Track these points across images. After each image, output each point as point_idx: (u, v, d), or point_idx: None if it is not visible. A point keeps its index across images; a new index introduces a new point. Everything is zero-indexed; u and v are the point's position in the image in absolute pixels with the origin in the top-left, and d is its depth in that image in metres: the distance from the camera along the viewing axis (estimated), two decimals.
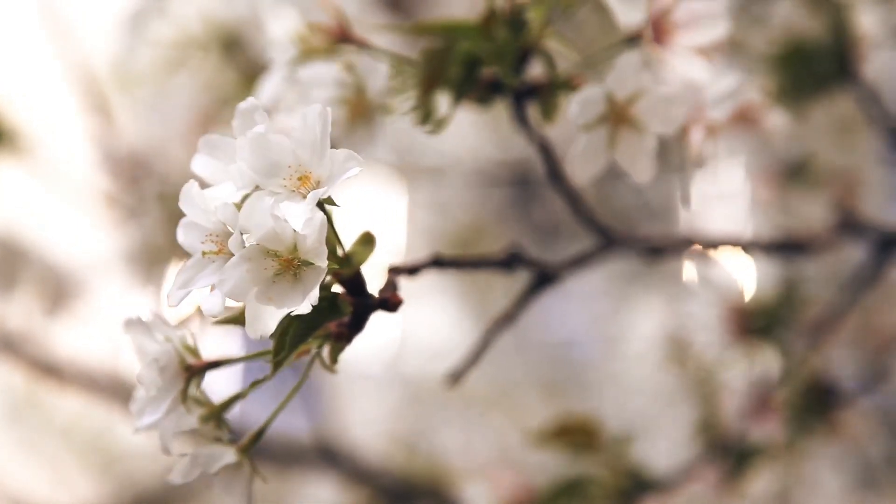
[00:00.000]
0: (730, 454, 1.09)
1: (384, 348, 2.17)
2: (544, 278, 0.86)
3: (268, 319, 0.59)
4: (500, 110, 0.83)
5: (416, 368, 2.07)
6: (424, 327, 2.17)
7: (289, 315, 0.59)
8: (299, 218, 0.58)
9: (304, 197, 0.60)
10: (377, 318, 0.68)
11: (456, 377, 0.84)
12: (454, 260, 0.81)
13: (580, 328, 2.12)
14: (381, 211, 2.11)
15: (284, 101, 0.77)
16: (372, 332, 0.68)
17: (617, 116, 0.74)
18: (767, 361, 1.16)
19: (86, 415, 1.96)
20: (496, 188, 2.09)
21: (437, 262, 0.77)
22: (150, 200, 1.51)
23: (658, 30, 0.75)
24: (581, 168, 0.75)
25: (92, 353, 1.73)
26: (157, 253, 1.49)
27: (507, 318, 0.85)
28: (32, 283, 1.71)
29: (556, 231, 1.97)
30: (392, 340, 2.19)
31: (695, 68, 0.75)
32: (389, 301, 0.67)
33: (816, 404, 1.16)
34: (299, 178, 0.60)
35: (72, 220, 1.79)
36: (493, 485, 1.06)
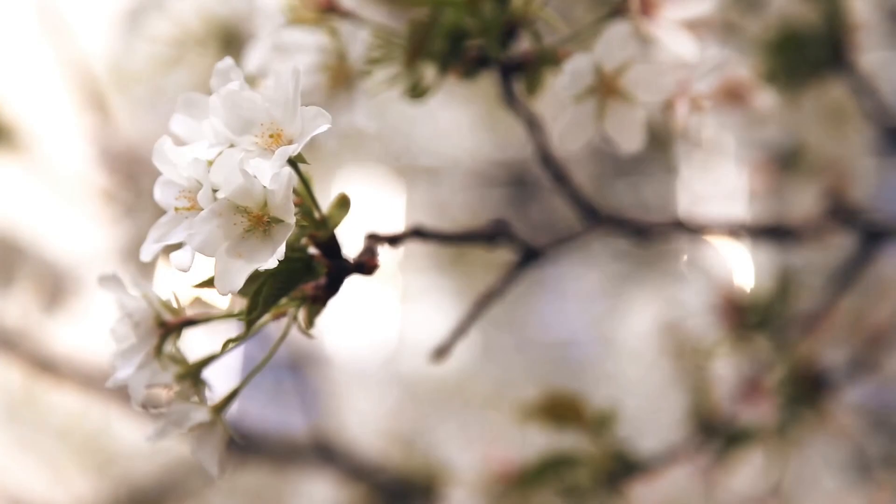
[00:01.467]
0: (718, 437, 1.09)
1: (381, 346, 2.17)
2: (531, 254, 0.86)
3: (236, 275, 0.59)
4: (501, 110, 0.84)
5: (413, 367, 2.07)
6: (421, 325, 2.17)
7: (263, 275, 0.60)
8: (267, 173, 0.58)
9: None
10: (375, 317, 0.68)
11: (442, 351, 0.84)
12: (436, 232, 0.81)
13: (577, 328, 2.12)
14: (378, 211, 2.11)
15: (272, 70, 0.77)
16: (369, 331, 0.68)
17: (606, 87, 0.74)
18: (759, 349, 1.16)
19: (83, 414, 1.96)
20: (493, 188, 2.09)
21: (418, 233, 0.77)
22: (146, 197, 1.51)
23: (644, 3, 0.76)
24: (568, 138, 0.75)
25: (89, 350, 1.73)
26: None
27: (494, 293, 0.85)
28: (29, 279, 1.71)
29: (555, 230, 1.97)
30: (389, 339, 2.20)
31: (681, 42, 0.75)
32: (365, 264, 0.67)
33: (806, 393, 1.16)
34: (271, 136, 0.61)
35: (69, 216, 1.79)
36: (480, 458, 1.06)
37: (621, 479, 1.00)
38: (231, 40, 1.50)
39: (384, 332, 2.16)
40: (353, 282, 0.67)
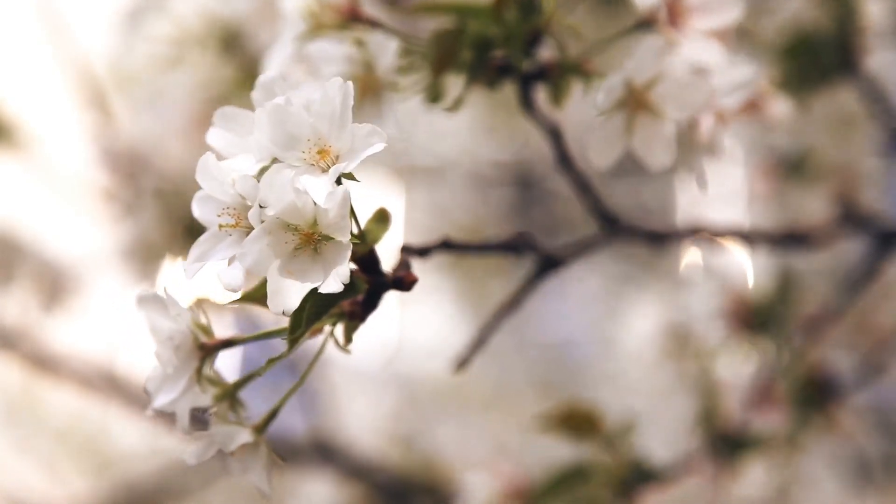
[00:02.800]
0: (730, 445, 1.09)
1: (382, 347, 2.17)
2: (549, 264, 0.85)
3: (289, 294, 0.59)
4: (499, 110, 0.83)
5: (413, 367, 2.07)
6: (422, 326, 2.17)
7: (306, 292, 0.59)
8: (321, 191, 0.58)
9: (324, 170, 0.59)
10: (375, 317, 0.67)
11: (461, 363, 0.83)
12: (464, 243, 0.80)
13: (577, 328, 2.12)
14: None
15: (292, 76, 0.76)
16: (370, 331, 0.68)
17: (635, 102, 0.73)
18: (767, 354, 1.15)
19: (81, 414, 1.95)
20: (494, 189, 2.09)
21: (447, 245, 0.76)
22: (146, 196, 1.51)
23: (672, 13, 0.74)
24: (599, 154, 0.74)
25: (88, 349, 1.73)
26: (153, 249, 1.48)
27: (511, 304, 0.84)
28: (29, 278, 1.70)
29: (555, 232, 1.97)
30: (390, 339, 2.19)
31: (709, 52, 0.74)
32: (404, 280, 0.66)
33: (813, 399, 1.16)
34: (318, 152, 0.60)
35: (69, 215, 1.79)
36: (491, 474, 1.06)
37: (634, 488, 0.99)
38: (231, 40, 1.50)
39: (384, 333, 2.16)
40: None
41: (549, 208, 2.06)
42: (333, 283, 0.58)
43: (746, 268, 1.21)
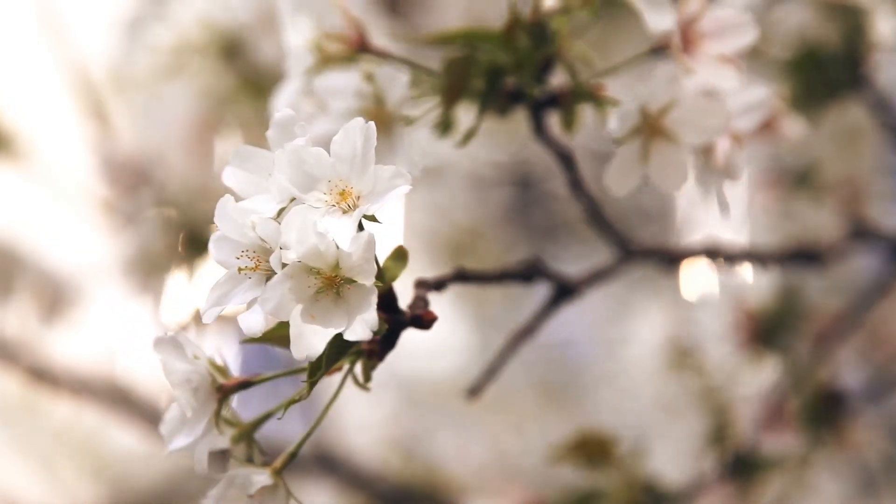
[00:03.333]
0: (744, 467, 1.09)
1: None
2: (564, 292, 0.85)
3: (312, 339, 0.58)
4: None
5: (412, 372, 2.06)
6: (421, 331, 2.16)
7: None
8: (345, 236, 0.57)
9: (345, 212, 0.58)
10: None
11: (475, 391, 0.83)
12: (478, 274, 0.80)
13: (578, 331, 2.11)
14: (377, 214, 2.10)
15: (301, 111, 0.75)
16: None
17: (650, 128, 0.72)
18: (777, 371, 1.15)
19: (80, 420, 1.94)
20: (494, 190, 2.08)
21: (461, 276, 0.76)
22: (147, 207, 1.50)
23: (685, 39, 0.74)
24: (617, 183, 0.73)
25: (88, 361, 1.72)
26: (154, 260, 1.48)
27: (526, 332, 0.84)
28: (29, 289, 1.70)
29: (555, 233, 1.96)
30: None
31: (723, 78, 0.74)
32: (423, 318, 0.66)
33: (825, 414, 1.15)
34: (340, 193, 0.59)
35: (69, 226, 1.78)
36: (502, 499, 1.06)
37: None
38: (232, 49, 1.49)
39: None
40: None
41: (549, 209, 2.05)
42: (361, 330, 0.57)
43: (754, 283, 1.21)
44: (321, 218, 0.58)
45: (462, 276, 0.76)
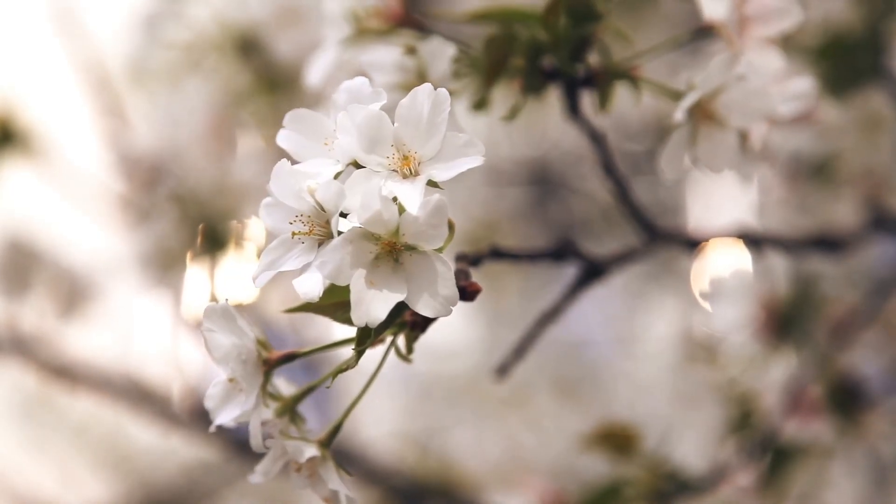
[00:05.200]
0: (774, 454, 1.08)
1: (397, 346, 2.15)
2: (593, 272, 0.85)
3: (373, 306, 0.57)
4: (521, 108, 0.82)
5: (428, 368, 2.06)
6: (437, 326, 2.16)
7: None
8: (414, 199, 0.56)
9: (405, 177, 0.58)
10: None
11: (503, 370, 0.83)
12: (512, 252, 0.81)
13: (594, 327, 2.11)
14: None
15: (335, 80, 0.75)
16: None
17: (701, 112, 0.72)
18: (797, 360, 1.14)
19: (97, 415, 1.95)
20: (513, 186, 2.08)
21: (496, 253, 0.76)
22: (164, 203, 1.50)
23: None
24: (669, 166, 0.73)
25: (105, 356, 1.72)
26: (170, 256, 1.48)
27: (553, 312, 0.84)
28: (46, 285, 1.70)
29: (572, 230, 1.96)
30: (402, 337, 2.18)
31: (771, 60, 0.74)
32: (467, 290, 0.65)
33: (843, 405, 1.15)
34: (403, 157, 0.58)
35: (85, 222, 1.78)
36: (524, 491, 1.06)
37: (669, 499, 1.00)
38: (248, 45, 1.49)
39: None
40: None
41: (567, 205, 2.05)
42: (441, 306, 0.57)
43: (772, 274, 1.20)
44: (384, 182, 0.58)
45: (497, 253, 0.76)
